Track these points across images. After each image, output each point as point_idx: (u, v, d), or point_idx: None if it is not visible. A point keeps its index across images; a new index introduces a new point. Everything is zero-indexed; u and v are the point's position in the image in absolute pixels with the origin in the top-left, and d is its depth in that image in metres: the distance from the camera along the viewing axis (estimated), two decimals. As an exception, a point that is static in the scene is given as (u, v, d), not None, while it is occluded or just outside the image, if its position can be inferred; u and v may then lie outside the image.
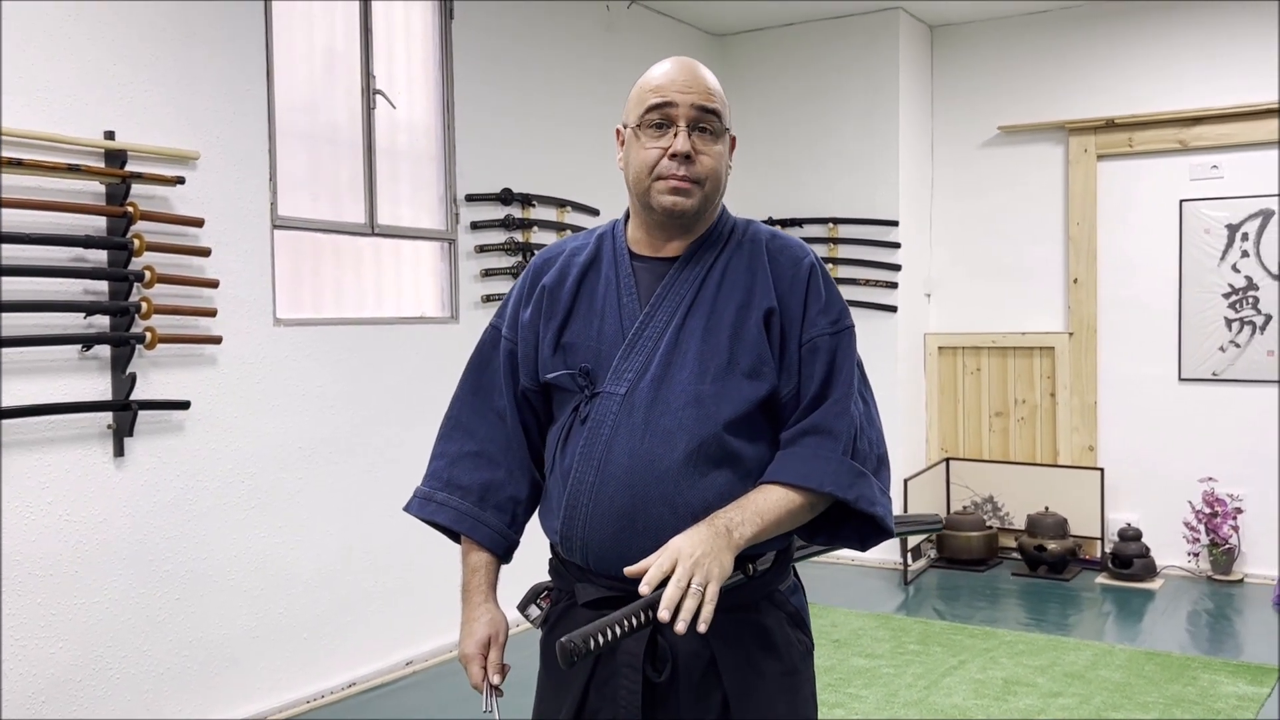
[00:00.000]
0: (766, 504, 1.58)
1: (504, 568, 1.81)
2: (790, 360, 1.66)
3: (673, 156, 1.63)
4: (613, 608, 1.60)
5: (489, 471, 1.77)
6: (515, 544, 1.80)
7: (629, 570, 1.49)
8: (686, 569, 1.44)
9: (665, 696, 1.63)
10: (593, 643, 1.43)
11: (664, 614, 1.41)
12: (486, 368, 1.82)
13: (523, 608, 1.75)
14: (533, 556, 1.90)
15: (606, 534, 1.62)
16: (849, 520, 1.69)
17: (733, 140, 1.71)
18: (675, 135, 1.63)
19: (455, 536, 1.80)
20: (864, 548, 1.71)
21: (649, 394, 1.63)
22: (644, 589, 1.44)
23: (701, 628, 1.43)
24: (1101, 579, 5.62)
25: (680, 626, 1.42)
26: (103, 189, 3.40)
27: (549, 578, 1.78)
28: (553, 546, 1.76)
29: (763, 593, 1.68)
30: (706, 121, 1.64)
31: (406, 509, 1.81)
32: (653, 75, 1.68)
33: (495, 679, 1.68)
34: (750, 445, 1.64)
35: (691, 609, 1.42)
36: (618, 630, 1.45)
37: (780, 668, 1.67)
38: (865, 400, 1.70)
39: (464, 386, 1.84)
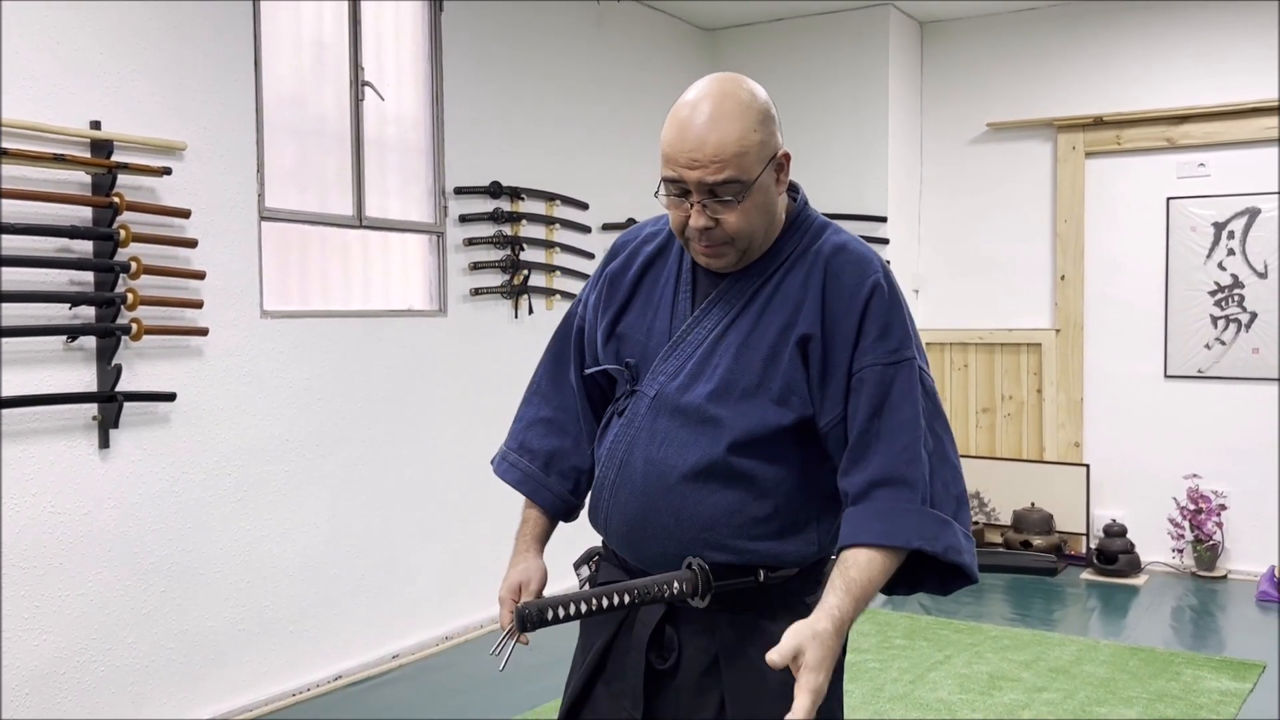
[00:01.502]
0: (859, 578, 1.50)
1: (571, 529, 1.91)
2: (835, 389, 1.56)
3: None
4: None
5: (558, 439, 1.83)
6: (576, 508, 1.85)
7: (771, 659, 1.45)
8: (819, 690, 1.43)
9: (667, 684, 1.66)
10: (550, 614, 1.45)
11: None
12: (566, 339, 1.86)
13: (576, 566, 1.81)
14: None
15: (621, 529, 1.68)
16: (929, 567, 1.59)
17: (786, 158, 1.59)
18: (691, 207, 1.55)
19: None
20: (945, 593, 1.63)
21: (672, 402, 1.63)
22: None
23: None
24: (1086, 575, 5.64)
25: None
26: (88, 179, 3.37)
27: None
28: None
29: (783, 602, 1.64)
30: (722, 191, 1.52)
31: (490, 462, 1.90)
32: (669, 130, 1.55)
33: None
34: (769, 466, 1.59)
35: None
36: (582, 607, 1.48)
37: (786, 676, 1.63)
38: (938, 435, 1.58)
39: (548, 354, 1.89)
